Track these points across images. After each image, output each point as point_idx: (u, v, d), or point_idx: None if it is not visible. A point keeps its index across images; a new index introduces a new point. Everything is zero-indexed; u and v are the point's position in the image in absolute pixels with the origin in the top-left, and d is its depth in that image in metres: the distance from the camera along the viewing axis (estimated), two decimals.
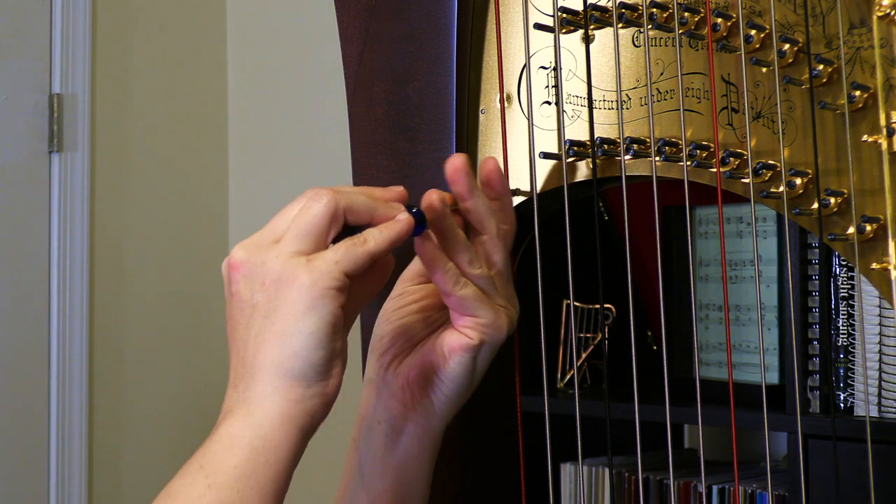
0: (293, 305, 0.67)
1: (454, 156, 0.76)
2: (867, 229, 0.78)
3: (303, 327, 0.67)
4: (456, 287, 0.74)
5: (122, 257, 2.30)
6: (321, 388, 0.68)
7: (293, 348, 0.67)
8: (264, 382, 0.68)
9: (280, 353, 0.67)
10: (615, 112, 0.86)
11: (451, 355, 0.76)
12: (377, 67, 0.93)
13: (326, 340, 0.67)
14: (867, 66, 0.78)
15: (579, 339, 1.75)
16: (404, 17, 0.92)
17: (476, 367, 0.78)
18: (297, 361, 0.67)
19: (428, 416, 0.79)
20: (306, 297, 0.67)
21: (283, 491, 0.68)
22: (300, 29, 2.36)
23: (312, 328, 0.67)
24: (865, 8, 0.77)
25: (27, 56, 2.15)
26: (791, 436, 1.46)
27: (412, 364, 0.78)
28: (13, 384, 2.11)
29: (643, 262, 1.62)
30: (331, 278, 0.68)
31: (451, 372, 0.77)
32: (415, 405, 0.78)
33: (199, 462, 0.67)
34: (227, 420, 0.68)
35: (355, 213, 0.71)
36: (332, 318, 0.67)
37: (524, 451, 0.86)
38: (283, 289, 0.68)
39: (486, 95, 0.92)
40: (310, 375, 0.67)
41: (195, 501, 0.65)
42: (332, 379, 0.69)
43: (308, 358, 0.67)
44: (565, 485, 1.76)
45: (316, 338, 0.67)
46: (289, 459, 0.68)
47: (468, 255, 0.75)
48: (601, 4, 0.86)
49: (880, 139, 0.77)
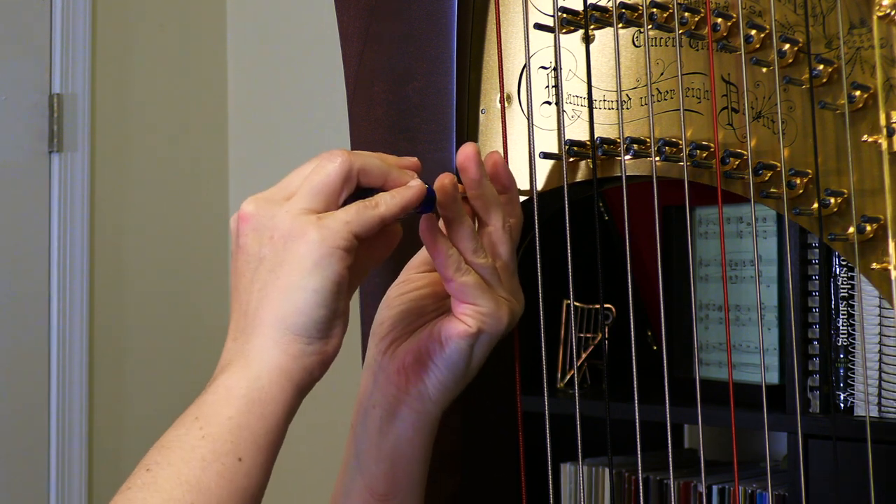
0: (300, 261, 0.67)
1: (466, 144, 0.75)
2: (867, 229, 0.78)
3: (308, 283, 0.67)
4: (457, 273, 0.74)
5: (122, 257, 2.30)
6: (321, 345, 0.68)
7: (296, 304, 0.67)
8: (265, 336, 0.68)
9: (283, 308, 0.67)
10: (615, 112, 0.86)
11: (448, 341, 0.76)
12: (377, 67, 0.93)
13: (330, 299, 0.67)
14: (867, 66, 0.78)
15: (579, 339, 1.75)
16: (404, 17, 0.92)
17: (473, 356, 0.77)
18: (300, 317, 0.67)
19: (422, 401, 0.78)
20: (314, 254, 0.67)
21: (277, 445, 0.68)
22: (300, 29, 2.36)
23: (317, 285, 0.67)
24: (865, 8, 0.77)
25: (27, 56, 2.15)
26: (791, 436, 1.46)
27: (409, 348, 0.78)
28: (13, 384, 2.11)
29: (643, 262, 1.62)
30: (340, 238, 0.68)
31: (447, 358, 0.77)
32: (409, 389, 0.78)
33: (194, 413, 0.67)
34: (224, 372, 0.68)
35: (369, 175, 0.71)
36: (338, 278, 0.67)
37: (524, 451, 0.86)
38: (291, 244, 0.68)
39: (486, 95, 0.92)
40: (311, 332, 0.68)
41: (189, 452, 0.65)
42: (332, 339, 0.69)
43: (311, 314, 0.67)
44: (565, 485, 1.76)
45: (320, 295, 0.67)
46: (283, 414, 0.67)
47: (473, 244, 0.75)
48: (601, 4, 0.86)
49: (880, 139, 0.77)
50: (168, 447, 0.66)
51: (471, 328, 0.75)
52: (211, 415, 0.67)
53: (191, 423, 0.67)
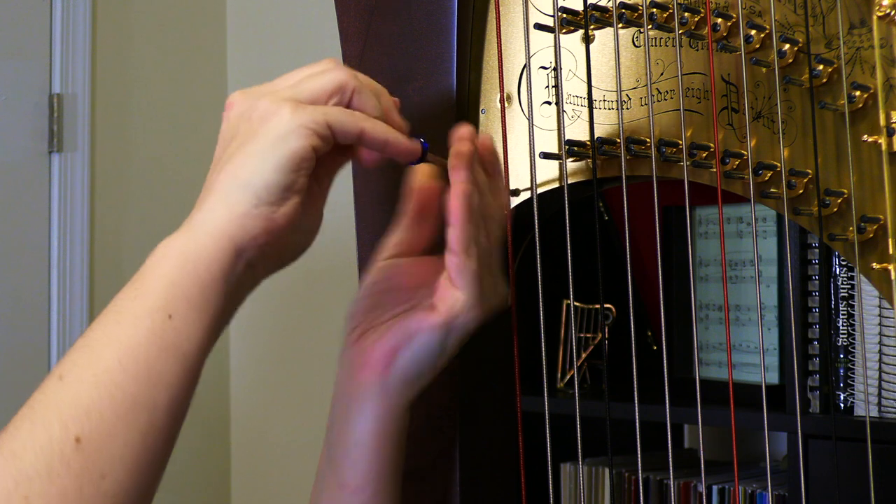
0: (268, 132, 0.68)
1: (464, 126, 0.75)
2: (867, 229, 0.78)
3: (270, 150, 0.67)
4: (466, 252, 0.73)
5: (122, 257, 2.30)
6: (268, 210, 0.67)
7: (253, 165, 0.67)
8: (216, 195, 0.68)
9: (240, 167, 0.68)
10: (615, 112, 0.86)
11: (417, 335, 0.75)
12: (377, 67, 0.93)
13: (288, 167, 0.67)
14: (867, 66, 0.78)
15: (579, 339, 1.75)
16: (404, 17, 0.92)
17: (441, 352, 0.76)
18: (254, 176, 0.67)
19: (387, 395, 0.77)
20: (283, 127, 0.67)
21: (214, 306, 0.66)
22: (300, 29, 2.36)
23: (278, 153, 0.67)
24: (865, 8, 0.78)
25: (27, 56, 2.15)
26: (791, 436, 1.46)
27: (375, 341, 0.77)
28: (13, 384, 2.11)
29: (643, 262, 1.62)
30: (312, 121, 0.68)
31: (413, 353, 0.76)
32: (374, 382, 0.77)
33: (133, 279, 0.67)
34: (166, 239, 0.68)
35: (363, 105, 0.71)
36: (302, 151, 0.67)
37: (524, 451, 0.86)
38: (266, 120, 0.68)
39: (486, 95, 0.92)
40: (261, 193, 0.67)
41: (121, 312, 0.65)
42: (282, 208, 0.68)
43: (264, 176, 0.67)
44: (565, 485, 1.76)
45: (279, 161, 0.67)
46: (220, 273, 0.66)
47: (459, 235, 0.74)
48: (601, 4, 0.86)
49: (880, 139, 0.77)
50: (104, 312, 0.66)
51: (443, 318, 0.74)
52: (146, 276, 0.66)
53: (128, 287, 0.66)
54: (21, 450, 0.61)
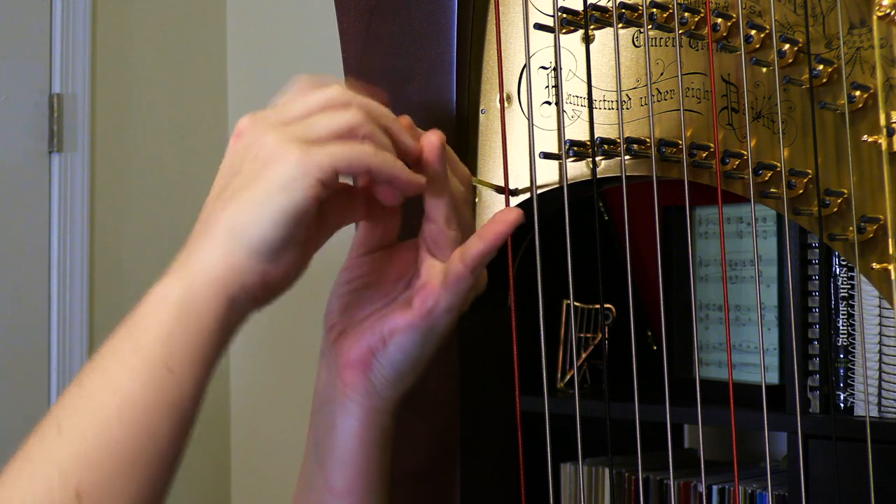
0: (271, 179, 0.66)
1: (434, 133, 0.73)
2: (867, 229, 0.78)
3: (271, 200, 0.66)
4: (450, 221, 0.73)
5: (121, 257, 2.30)
6: (264, 266, 0.66)
7: (253, 216, 0.66)
8: (213, 241, 0.66)
9: (239, 217, 0.66)
10: (615, 112, 0.86)
11: (392, 336, 0.74)
12: (377, 67, 0.93)
13: (290, 222, 0.66)
14: (867, 66, 0.78)
15: (579, 339, 1.75)
16: (404, 17, 0.92)
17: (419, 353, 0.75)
18: (253, 229, 0.66)
19: (370, 397, 0.76)
20: (287, 175, 0.66)
21: (211, 359, 0.66)
22: (300, 29, 2.36)
23: (280, 204, 0.65)
24: (865, 8, 0.78)
25: (27, 56, 2.15)
26: (791, 436, 1.46)
27: (352, 343, 0.76)
28: (13, 384, 2.11)
29: (643, 262, 1.62)
30: (318, 168, 0.66)
31: (390, 355, 0.75)
32: (356, 385, 0.76)
33: (128, 323, 0.65)
34: (162, 280, 0.67)
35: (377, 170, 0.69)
36: (304, 204, 0.66)
37: (524, 451, 0.85)
38: (270, 164, 0.66)
39: (486, 95, 0.92)
40: (260, 249, 0.66)
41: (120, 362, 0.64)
42: (279, 265, 0.67)
43: (263, 229, 0.66)
44: (565, 485, 1.76)
45: (280, 215, 0.66)
46: (216, 327, 0.65)
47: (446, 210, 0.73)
48: (601, 4, 0.86)
49: (880, 139, 0.77)
50: (99, 356, 0.65)
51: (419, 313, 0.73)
52: (144, 323, 0.65)
53: (124, 334, 0.65)
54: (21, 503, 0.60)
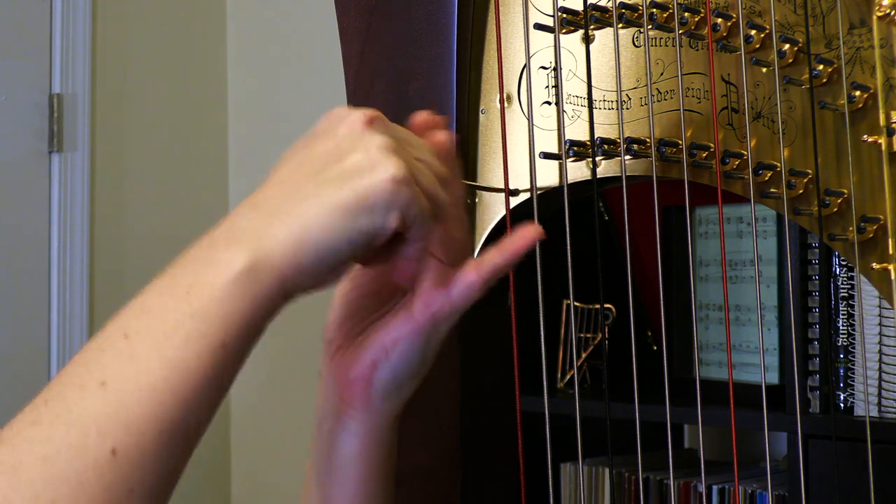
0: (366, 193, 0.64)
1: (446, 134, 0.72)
2: (867, 229, 0.78)
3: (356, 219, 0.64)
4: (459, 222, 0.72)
5: (122, 257, 2.30)
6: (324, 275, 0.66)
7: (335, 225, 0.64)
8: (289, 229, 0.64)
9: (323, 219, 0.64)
10: (615, 112, 0.86)
11: (395, 346, 0.73)
12: (377, 67, 0.93)
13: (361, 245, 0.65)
14: (867, 66, 0.78)
15: (579, 339, 1.75)
16: (404, 17, 0.92)
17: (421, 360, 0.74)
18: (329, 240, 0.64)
19: (371, 414, 0.75)
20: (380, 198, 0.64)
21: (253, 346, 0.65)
22: (300, 29, 2.36)
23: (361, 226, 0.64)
24: (865, 8, 0.78)
25: (27, 56, 2.15)
26: (791, 436, 1.46)
27: (351, 357, 0.75)
28: (13, 384, 2.11)
29: (643, 262, 1.62)
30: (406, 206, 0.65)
31: (392, 366, 0.73)
32: (354, 402, 0.74)
33: (186, 282, 0.64)
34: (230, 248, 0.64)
35: None
36: (380, 233, 0.65)
37: (524, 451, 0.85)
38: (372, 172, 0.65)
39: (486, 95, 0.92)
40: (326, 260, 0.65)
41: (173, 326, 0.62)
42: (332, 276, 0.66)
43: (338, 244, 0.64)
44: (565, 485, 1.76)
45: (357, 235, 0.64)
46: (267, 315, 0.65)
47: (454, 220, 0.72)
48: (601, 4, 0.86)
49: (880, 139, 0.77)
50: (151, 314, 0.63)
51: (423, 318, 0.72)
52: (202, 286, 0.63)
53: (181, 294, 0.63)
54: (54, 454, 0.59)
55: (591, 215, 1.19)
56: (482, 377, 0.88)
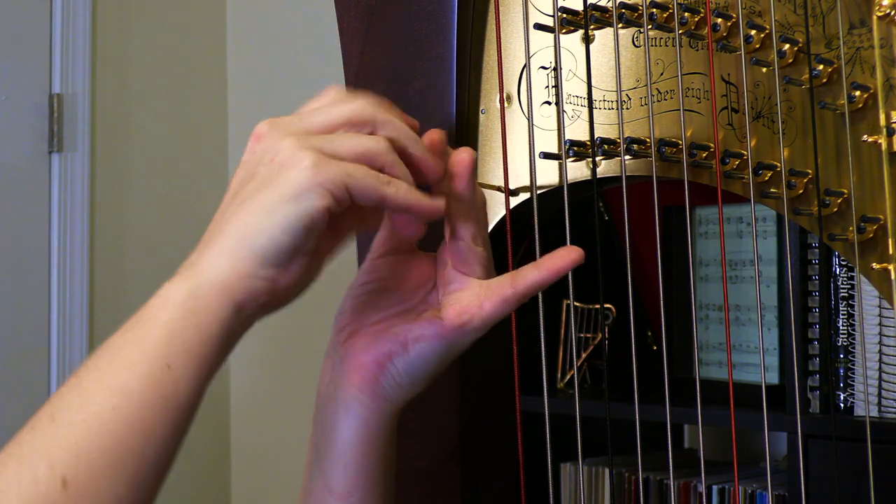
0: (284, 186, 0.66)
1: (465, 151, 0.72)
2: (867, 229, 0.78)
3: (282, 208, 0.65)
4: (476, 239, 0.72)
5: (121, 257, 2.30)
6: (273, 273, 0.66)
7: (262, 222, 0.66)
8: (221, 246, 0.66)
9: (249, 223, 0.66)
10: (615, 112, 0.86)
11: (416, 344, 0.74)
12: (377, 67, 0.93)
13: (299, 231, 0.66)
14: (867, 66, 0.78)
15: (579, 339, 1.75)
16: (404, 17, 0.92)
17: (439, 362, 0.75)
18: (261, 237, 0.66)
19: (377, 401, 0.75)
20: (300, 183, 0.65)
21: (212, 363, 0.65)
22: (300, 29, 2.36)
23: (290, 213, 0.65)
24: (865, 8, 0.78)
25: (27, 56, 2.15)
26: (791, 436, 1.46)
27: (367, 345, 0.75)
28: (13, 384, 2.11)
29: (643, 262, 1.62)
30: (332, 181, 0.66)
31: (409, 362, 0.74)
32: (363, 388, 0.75)
33: (132, 321, 0.65)
34: (170, 281, 0.66)
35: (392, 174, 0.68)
36: (315, 214, 0.66)
37: (524, 451, 0.86)
38: (285, 170, 0.66)
39: (486, 95, 0.92)
40: (268, 255, 0.66)
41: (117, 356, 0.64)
42: (287, 273, 0.67)
43: (273, 238, 0.66)
44: (565, 485, 1.76)
45: (289, 222, 0.65)
46: (220, 330, 0.65)
47: (474, 228, 0.73)
48: (601, 4, 0.86)
49: (880, 139, 0.77)
50: (99, 353, 0.64)
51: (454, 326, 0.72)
52: (146, 320, 0.65)
53: (126, 329, 0.65)
54: (6, 488, 0.59)
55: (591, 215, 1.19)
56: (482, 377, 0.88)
